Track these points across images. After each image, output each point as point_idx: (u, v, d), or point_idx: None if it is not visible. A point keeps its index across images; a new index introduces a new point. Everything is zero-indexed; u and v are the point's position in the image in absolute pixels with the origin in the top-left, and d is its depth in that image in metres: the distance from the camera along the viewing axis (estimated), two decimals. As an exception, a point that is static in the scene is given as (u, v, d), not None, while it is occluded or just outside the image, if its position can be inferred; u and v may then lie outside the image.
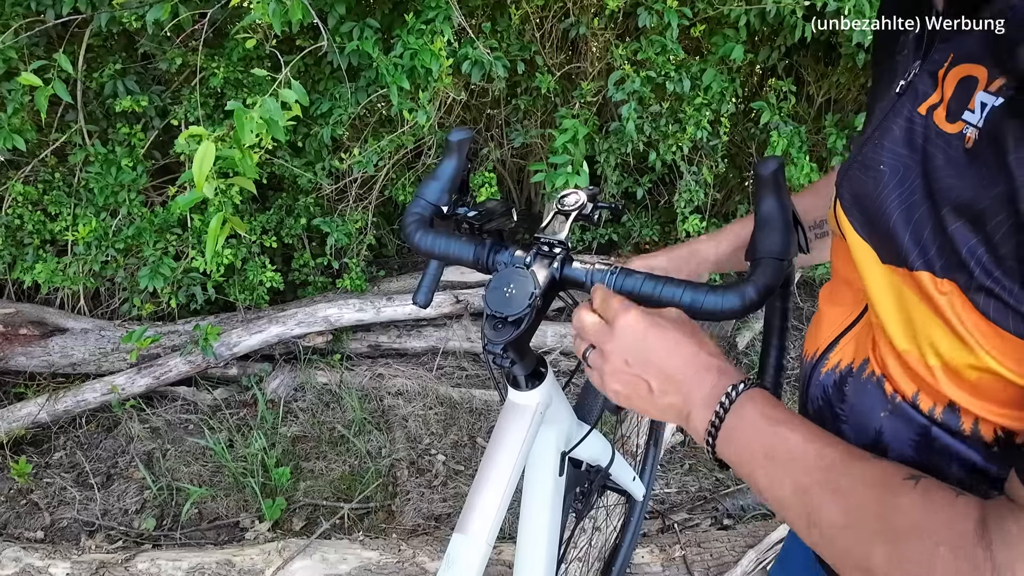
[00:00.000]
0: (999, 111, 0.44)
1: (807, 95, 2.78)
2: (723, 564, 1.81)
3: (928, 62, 0.54)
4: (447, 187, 0.90)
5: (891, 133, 0.55)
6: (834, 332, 0.67)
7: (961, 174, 0.46)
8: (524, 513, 1.04)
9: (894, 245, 0.52)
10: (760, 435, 0.56)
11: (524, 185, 3.31)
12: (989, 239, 0.44)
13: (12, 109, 2.02)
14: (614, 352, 0.66)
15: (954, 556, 0.43)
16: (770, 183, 0.68)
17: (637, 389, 0.65)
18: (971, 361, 0.48)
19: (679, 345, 0.64)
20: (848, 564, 0.49)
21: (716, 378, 0.61)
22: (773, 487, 0.55)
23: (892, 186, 0.52)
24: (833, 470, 0.51)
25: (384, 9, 2.23)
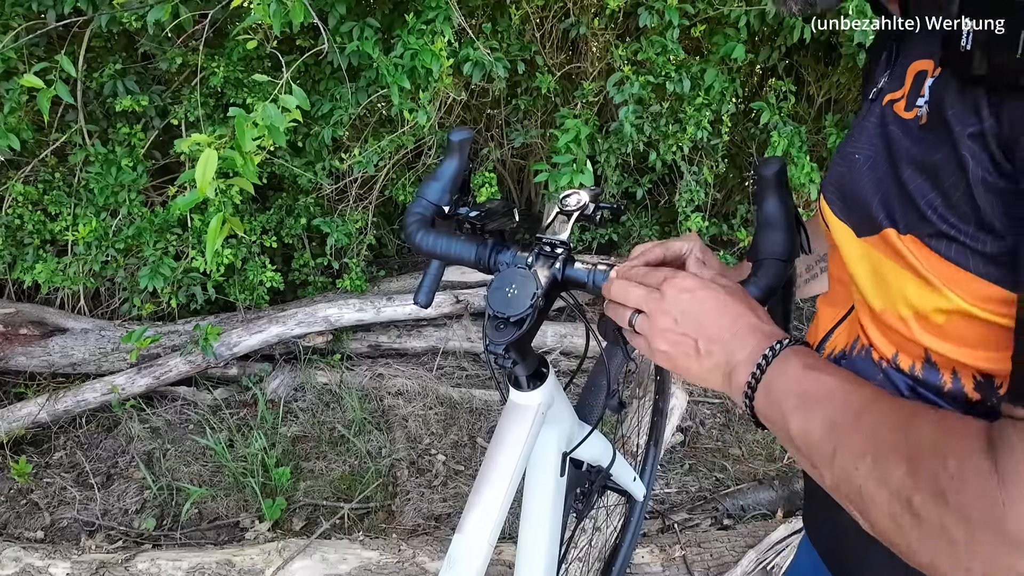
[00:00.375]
0: (938, 82, 0.53)
1: (807, 95, 2.78)
2: (723, 564, 1.81)
3: (896, 66, 0.62)
4: (448, 187, 0.90)
5: (864, 129, 0.61)
6: (828, 326, 0.70)
7: (917, 142, 0.53)
8: (525, 513, 1.04)
9: (867, 214, 0.57)
10: (798, 381, 0.59)
11: (524, 185, 3.31)
12: (943, 190, 0.50)
13: (9, 108, 2.02)
14: (665, 313, 0.67)
15: (961, 466, 0.45)
16: (772, 184, 0.68)
17: (684, 348, 0.67)
18: (938, 304, 0.52)
19: (728, 306, 0.66)
20: (868, 494, 0.51)
21: (761, 338, 0.63)
22: (805, 428, 0.57)
23: (865, 169, 0.58)
24: (864, 405, 0.54)
25: (384, 9, 2.23)
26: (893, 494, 0.49)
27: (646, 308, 0.69)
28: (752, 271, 0.69)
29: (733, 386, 0.64)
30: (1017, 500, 0.43)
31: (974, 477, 0.45)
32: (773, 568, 1.77)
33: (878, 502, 0.50)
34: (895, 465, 0.49)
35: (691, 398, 2.57)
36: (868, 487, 0.50)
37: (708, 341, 0.65)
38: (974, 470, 0.45)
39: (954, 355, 0.53)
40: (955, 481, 0.45)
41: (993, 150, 0.46)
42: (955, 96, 0.49)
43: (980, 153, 0.47)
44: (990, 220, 0.47)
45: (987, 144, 0.46)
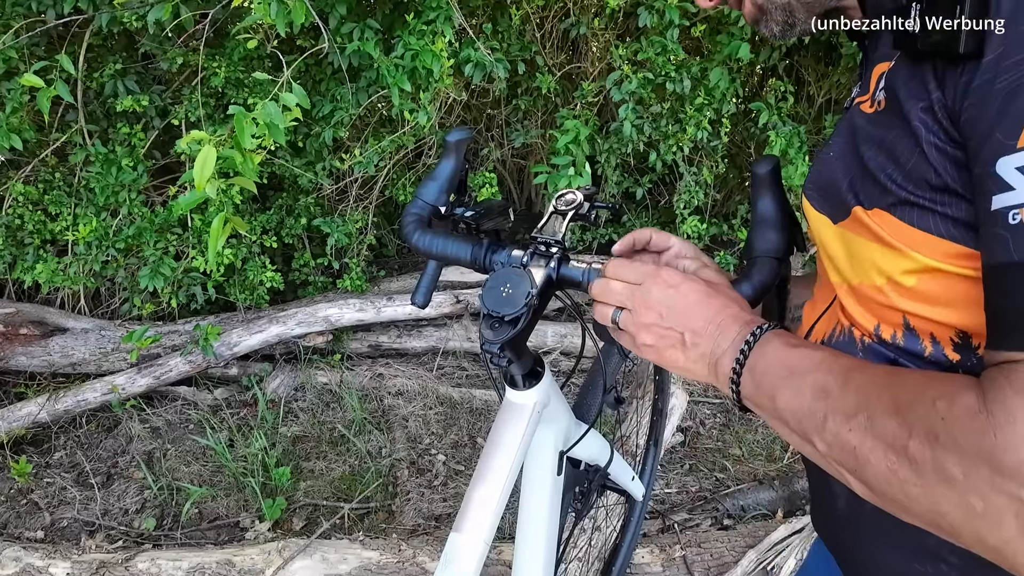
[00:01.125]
0: (892, 71, 0.57)
1: (808, 95, 2.78)
2: (723, 564, 1.80)
3: (864, 74, 0.66)
4: (445, 187, 0.91)
5: (837, 131, 0.66)
6: (810, 321, 0.73)
7: (875, 126, 0.58)
8: (523, 512, 1.04)
9: (838, 199, 0.61)
10: (782, 359, 0.61)
11: (524, 185, 3.31)
12: (899, 162, 0.54)
13: (11, 108, 2.03)
14: (649, 308, 0.70)
15: (950, 405, 0.47)
16: (766, 182, 0.68)
17: (671, 341, 0.69)
18: (906, 266, 0.56)
19: (711, 298, 0.68)
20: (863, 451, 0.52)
21: (743, 326, 0.65)
22: (794, 399, 0.58)
23: (835, 161, 0.63)
24: (850, 368, 0.56)
25: (385, 10, 2.23)
26: (888, 447, 0.50)
27: (629, 304, 0.71)
28: (746, 269, 0.69)
29: (720, 375, 0.65)
30: (1006, 428, 0.44)
31: (963, 414, 0.46)
32: (773, 568, 1.76)
33: (873, 459, 0.51)
34: (887, 418, 0.50)
35: (691, 398, 2.57)
36: (863, 446, 0.51)
37: (693, 333, 0.67)
38: (963, 407, 0.46)
39: (931, 315, 0.56)
40: (946, 421, 0.47)
41: (941, 119, 0.50)
42: (907, 78, 0.54)
43: (932, 124, 0.51)
44: (947, 183, 0.51)
45: (936, 115, 0.51)
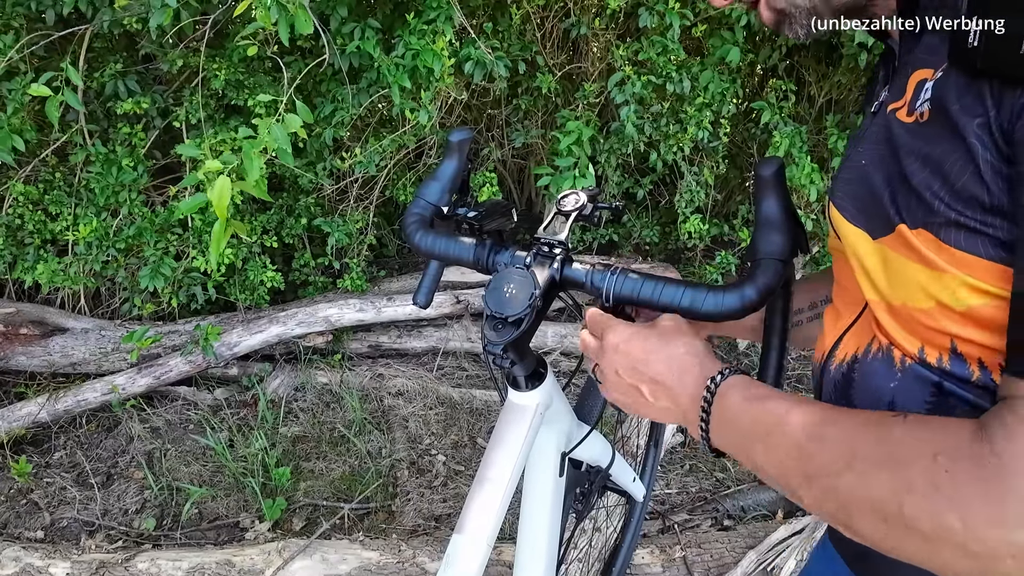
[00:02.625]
0: (940, 80, 0.54)
1: (808, 95, 2.78)
2: (723, 565, 1.80)
3: (896, 79, 0.63)
4: (447, 187, 0.90)
5: (868, 138, 0.62)
6: (838, 332, 0.69)
7: (920, 139, 0.54)
8: (524, 514, 1.04)
9: (880, 214, 0.58)
10: (748, 414, 0.60)
11: (525, 185, 3.31)
12: (947, 180, 0.51)
13: (12, 109, 2.02)
14: (608, 366, 0.73)
15: (953, 459, 0.45)
16: (770, 184, 0.68)
17: (634, 396, 0.71)
18: (955, 291, 0.53)
19: (660, 350, 0.69)
20: (854, 508, 0.51)
21: (698, 374, 0.66)
22: (770, 457, 0.58)
23: (873, 172, 0.59)
24: (823, 423, 0.55)
25: (385, 10, 2.23)
26: (882, 501, 0.49)
27: (596, 360, 0.75)
28: (750, 271, 0.69)
29: (690, 426, 0.66)
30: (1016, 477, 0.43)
31: (970, 465, 0.45)
32: (773, 569, 1.76)
33: (866, 512, 0.50)
34: (881, 475, 0.49)
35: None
36: (852, 501, 0.51)
37: (652, 386, 0.69)
38: (968, 457, 0.45)
39: (981, 339, 0.53)
40: (950, 474, 0.45)
41: (996, 137, 0.48)
42: (962, 91, 0.51)
43: (987, 140, 0.49)
44: (1000, 204, 0.49)
45: (991, 132, 0.49)
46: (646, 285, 0.74)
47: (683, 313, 0.72)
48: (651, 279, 0.74)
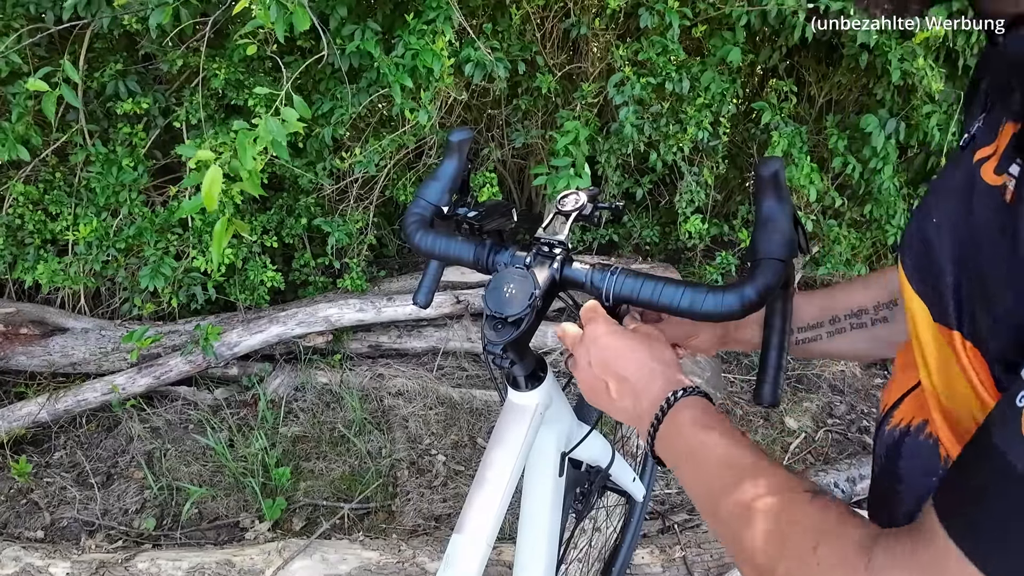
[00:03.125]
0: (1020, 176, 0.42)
1: (808, 96, 2.78)
2: (723, 565, 1.80)
3: (991, 116, 0.52)
4: (447, 187, 0.91)
5: (949, 189, 0.53)
6: (899, 391, 0.64)
7: (998, 237, 0.43)
8: (524, 514, 1.04)
9: (941, 299, 0.50)
10: (687, 437, 0.63)
11: (525, 185, 3.31)
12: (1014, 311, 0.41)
13: (17, 115, 2.02)
14: (581, 355, 0.75)
15: (830, 558, 0.45)
16: (770, 184, 0.68)
17: (599, 389, 0.74)
18: None
19: (633, 352, 0.72)
20: (742, 557, 0.53)
21: (662, 385, 0.68)
22: (692, 484, 0.62)
23: (943, 241, 0.51)
24: (743, 473, 0.56)
25: (385, 10, 2.23)
26: (763, 560, 0.50)
27: (572, 349, 0.77)
28: (750, 271, 0.69)
29: (640, 431, 0.69)
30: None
31: (841, 571, 0.44)
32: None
33: (749, 562, 0.52)
34: (769, 541, 0.50)
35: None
36: (743, 545, 0.52)
37: (617, 383, 0.71)
38: (843, 563, 0.44)
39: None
40: (819, 568, 0.45)
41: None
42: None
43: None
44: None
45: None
46: (646, 285, 0.74)
47: (683, 313, 0.72)
48: (651, 279, 0.74)
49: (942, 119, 2.32)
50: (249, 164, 1.55)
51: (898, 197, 2.57)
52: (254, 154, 1.55)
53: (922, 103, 2.32)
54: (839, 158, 2.46)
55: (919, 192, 2.67)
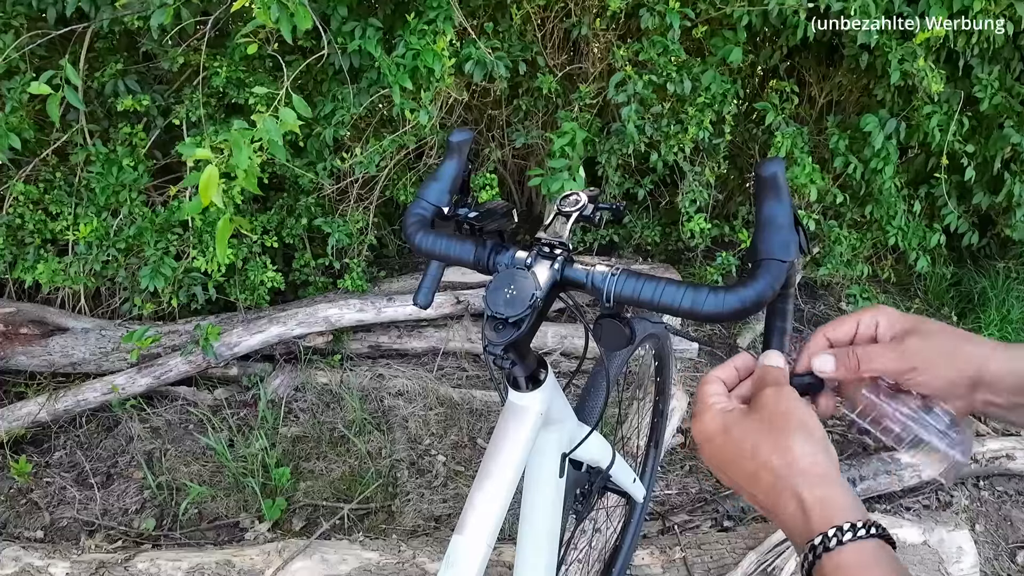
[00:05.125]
0: None
1: (809, 96, 2.78)
2: (723, 566, 1.80)
3: None
4: (448, 188, 0.91)
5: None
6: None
7: None
8: (524, 514, 1.04)
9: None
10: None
11: (525, 186, 3.31)
12: None
13: (11, 108, 2.02)
14: (702, 456, 0.62)
15: None
16: (771, 184, 0.68)
17: (739, 492, 0.60)
18: None
19: (739, 463, 0.57)
20: None
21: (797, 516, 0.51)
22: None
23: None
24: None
25: (386, 10, 2.23)
26: None
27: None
28: (751, 272, 0.68)
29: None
30: None
31: None
32: (774, 570, 1.76)
33: None
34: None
35: (691, 399, 2.57)
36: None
37: (745, 493, 0.58)
38: None
39: None
40: None
41: None
42: None
43: None
44: None
45: None
46: (647, 286, 0.74)
47: (684, 314, 0.71)
48: (652, 280, 0.74)
49: (943, 120, 2.32)
50: (244, 163, 1.54)
51: (899, 198, 2.57)
52: (249, 153, 1.55)
53: (923, 103, 2.31)
54: (840, 158, 2.45)
55: (919, 193, 2.67)
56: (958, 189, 2.65)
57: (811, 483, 0.51)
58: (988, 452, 2.24)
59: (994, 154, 2.45)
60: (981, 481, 2.30)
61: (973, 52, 2.24)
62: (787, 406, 0.57)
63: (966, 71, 2.34)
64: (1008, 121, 2.38)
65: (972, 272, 3.17)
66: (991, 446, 2.26)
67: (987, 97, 2.30)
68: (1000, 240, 3.08)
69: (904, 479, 2.16)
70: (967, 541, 1.79)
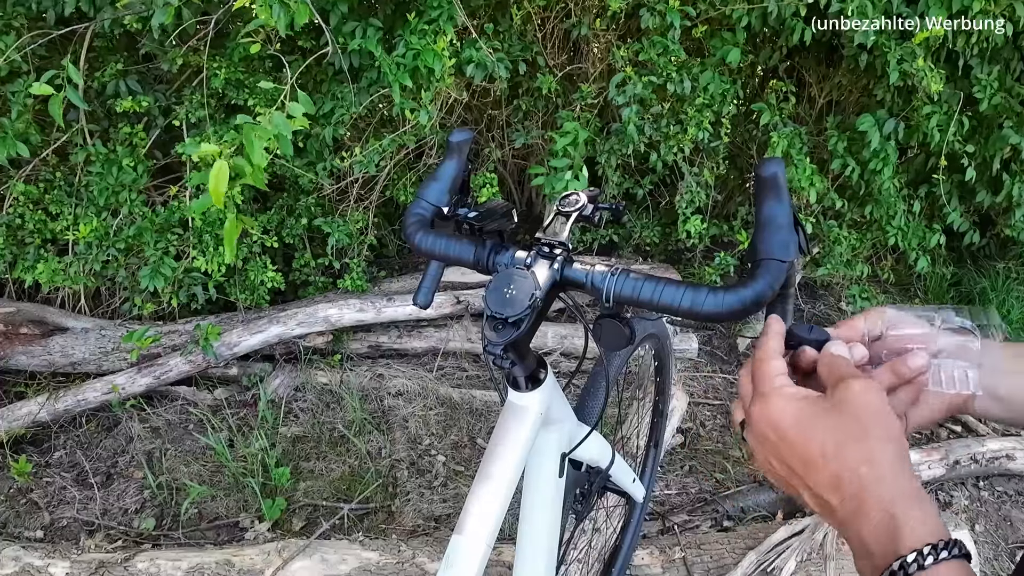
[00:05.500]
0: None
1: (809, 96, 2.78)
2: (723, 566, 1.80)
3: None
4: (448, 188, 0.91)
5: None
6: None
7: None
8: (524, 514, 1.04)
9: None
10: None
11: (525, 186, 3.31)
12: None
13: (17, 112, 2.02)
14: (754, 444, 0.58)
15: None
16: (771, 185, 0.68)
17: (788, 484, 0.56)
18: None
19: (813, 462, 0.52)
20: None
21: (882, 530, 0.48)
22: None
23: None
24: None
25: (387, 9, 2.23)
26: None
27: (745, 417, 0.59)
28: (750, 272, 0.68)
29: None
30: None
31: None
32: (773, 570, 1.76)
33: None
34: None
35: (691, 399, 2.57)
36: None
37: (813, 501, 0.53)
38: None
39: None
40: None
41: None
42: None
43: None
44: None
45: None
46: (646, 286, 0.74)
47: (684, 314, 0.71)
48: (651, 280, 0.74)
49: (942, 120, 2.32)
50: (257, 157, 1.54)
51: (898, 198, 2.57)
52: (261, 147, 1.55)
53: (922, 103, 2.31)
54: (839, 159, 2.45)
55: (919, 193, 2.67)
56: (958, 189, 2.65)
57: (906, 500, 0.49)
58: (988, 452, 2.24)
59: (994, 154, 2.45)
60: (981, 481, 2.30)
61: (973, 52, 2.25)
62: (878, 407, 0.53)
63: (965, 71, 2.34)
64: (1008, 122, 2.38)
65: (972, 272, 3.17)
66: (991, 446, 2.26)
67: (986, 97, 2.31)
68: (1000, 240, 3.08)
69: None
70: (967, 541, 1.79)
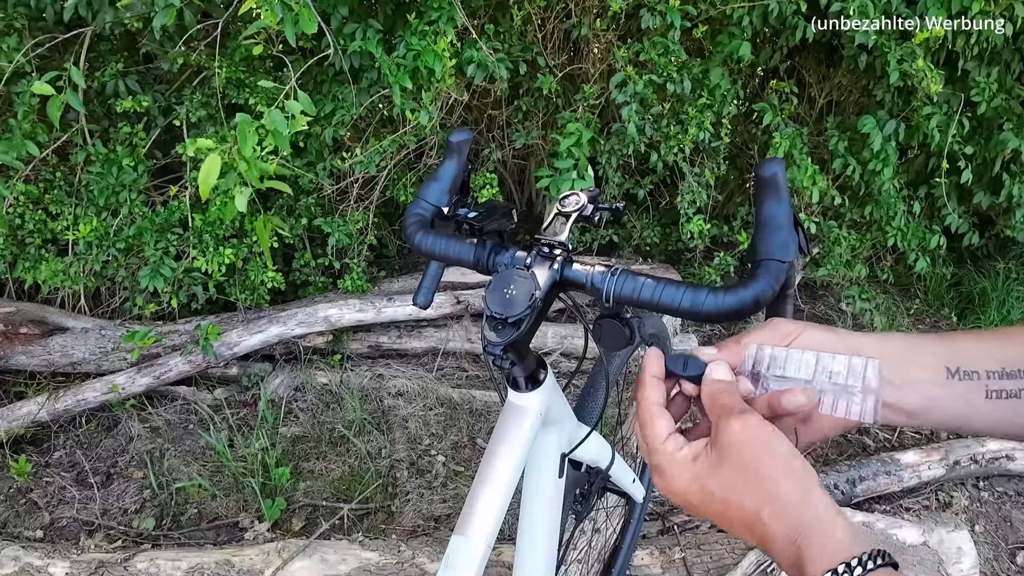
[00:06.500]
0: None
1: (809, 97, 2.78)
2: (723, 566, 1.80)
3: None
4: (448, 188, 0.91)
5: None
6: None
7: None
8: (524, 515, 1.04)
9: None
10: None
11: (525, 186, 3.31)
12: None
13: (22, 113, 2.02)
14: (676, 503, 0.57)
15: None
16: (771, 185, 0.68)
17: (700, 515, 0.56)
18: None
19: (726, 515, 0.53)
20: None
21: (795, 562, 0.49)
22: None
23: None
24: None
25: (387, 10, 2.23)
26: None
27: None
28: (750, 272, 0.68)
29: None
30: None
31: None
32: (773, 570, 1.76)
33: None
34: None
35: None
36: None
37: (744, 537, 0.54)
38: None
39: None
40: None
41: None
42: None
43: None
44: None
45: None
46: (646, 286, 0.74)
47: (684, 314, 0.71)
48: (651, 280, 0.74)
49: (942, 120, 2.32)
50: (248, 152, 1.55)
51: (898, 198, 2.57)
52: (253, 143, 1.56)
53: (922, 104, 2.31)
54: (839, 159, 2.45)
55: (919, 193, 2.67)
56: (958, 190, 2.65)
57: (807, 528, 0.49)
58: (988, 452, 2.24)
59: (994, 156, 2.45)
60: (981, 482, 2.30)
61: (972, 53, 2.24)
62: (762, 442, 0.53)
63: (965, 72, 2.34)
64: (1008, 124, 2.38)
65: (972, 273, 3.17)
66: (991, 446, 2.25)
67: (984, 100, 2.30)
68: (1000, 240, 3.08)
69: (904, 479, 2.16)
70: (967, 542, 1.79)
